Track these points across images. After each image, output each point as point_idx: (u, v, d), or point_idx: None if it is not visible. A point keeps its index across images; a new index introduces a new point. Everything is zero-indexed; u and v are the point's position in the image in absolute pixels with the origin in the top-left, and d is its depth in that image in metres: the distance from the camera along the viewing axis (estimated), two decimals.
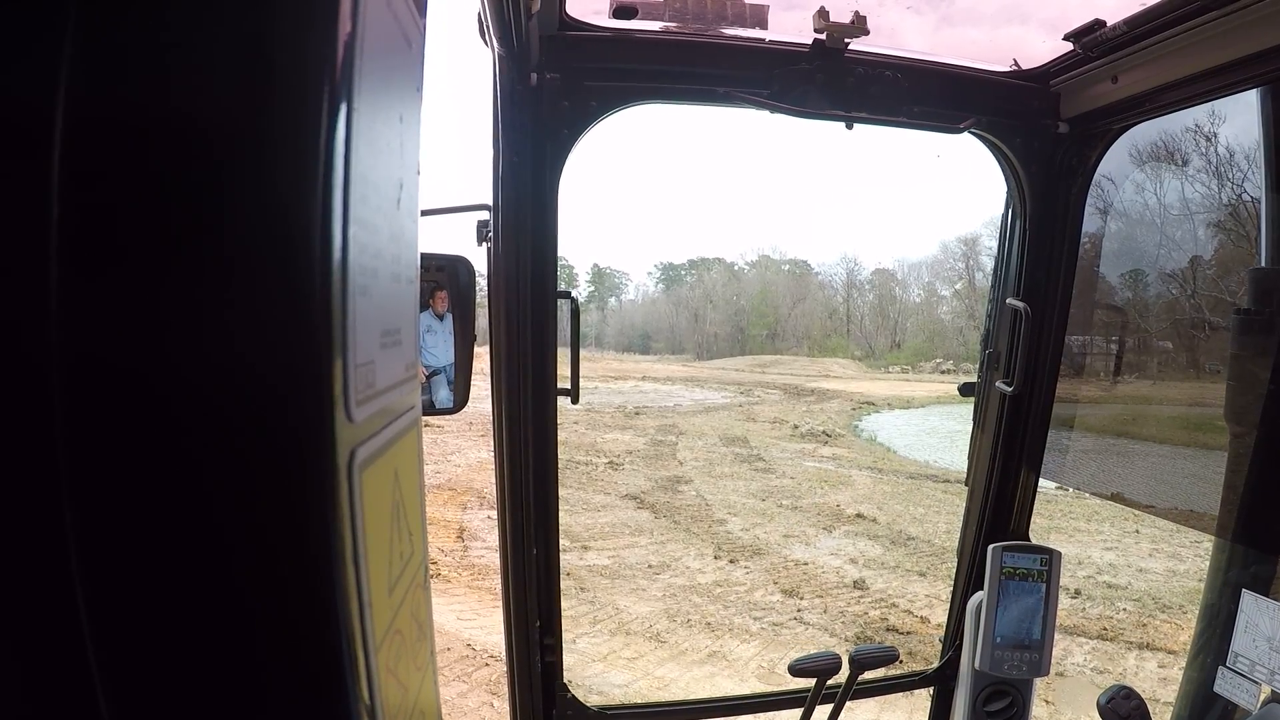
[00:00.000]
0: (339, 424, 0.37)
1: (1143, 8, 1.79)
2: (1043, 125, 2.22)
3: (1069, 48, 2.04)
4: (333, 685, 0.38)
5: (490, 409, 2.00)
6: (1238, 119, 2.24)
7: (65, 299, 0.34)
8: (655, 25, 1.97)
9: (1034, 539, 2.51)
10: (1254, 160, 2.19)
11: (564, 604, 2.18)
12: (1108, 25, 1.89)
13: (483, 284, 1.92)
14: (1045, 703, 7.55)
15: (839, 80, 2.00)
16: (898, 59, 2.07)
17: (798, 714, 2.37)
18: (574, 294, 2.02)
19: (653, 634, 9.91)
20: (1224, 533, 2.20)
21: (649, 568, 12.45)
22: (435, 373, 1.80)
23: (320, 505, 0.37)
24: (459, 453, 18.33)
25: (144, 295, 0.35)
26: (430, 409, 1.81)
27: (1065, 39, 2.00)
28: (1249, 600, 1.99)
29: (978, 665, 2.40)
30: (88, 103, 0.34)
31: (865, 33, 1.91)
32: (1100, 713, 2.07)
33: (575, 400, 2.02)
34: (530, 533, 2.05)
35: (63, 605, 0.35)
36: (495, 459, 2.04)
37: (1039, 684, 2.58)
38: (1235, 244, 2.49)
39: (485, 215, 1.91)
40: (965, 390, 2.60)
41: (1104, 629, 9.97)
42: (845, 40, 1.95)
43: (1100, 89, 2.07)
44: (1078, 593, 11.08)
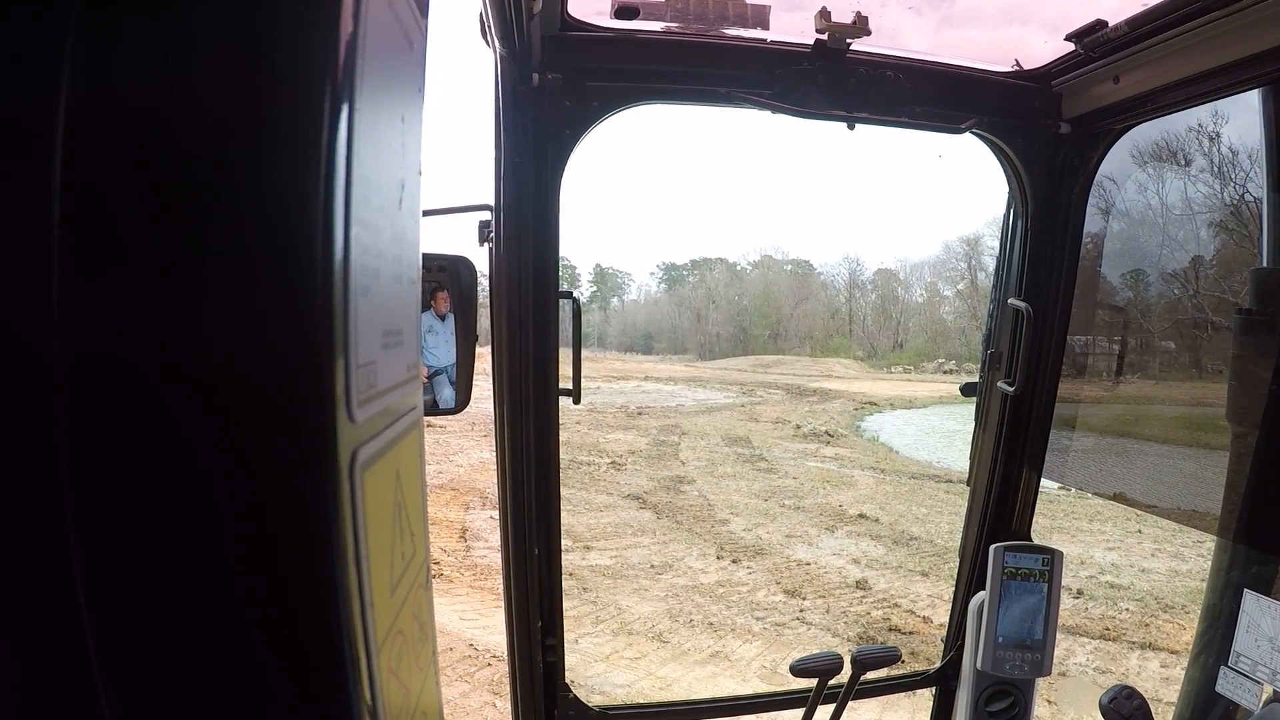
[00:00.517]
0: (341, 424, 0.37)
1: (1144, 8, 1.79)
2: (1044, 125, 2.21)
3: (1070, 48, 2.03)
4: (334, 686, 0.38)
5: (492, 409, 2.00)
6: (1239, 119, 2.24)
7: (67, 299, 0.34)
8: (657, 25, 1.97)
9: (1036, 539, 2.50)
10: (1256, 160, 2.18)
11: (566, 604, 2.18)
12: (1109, 26, 1.89)
13: (484, 284, 1.92)
14: (1047, 703, 7.55)
15: (840, 80, 2.00)
16: (899, 59, 2.07)
17: (799, 714, 2.37)
18: (576, 294, 2.03)
19: (655, 634, 9.90)
20: (1226, 533, 2.19)
21: (651, 568, 12.44)
22: (437, 373, 1.80)
23: (322, 505, 0.37)
24: (461, 453, 18.33)
25: (146, 295, 0.35)
26: (432, 409, 1.81)
27: (1067, 39, 2.00)
28: (1251, 600, 1.99)
29: (979, 665, 2.40)
30: (90, 103, 0.34)
31: (867, 33, 1.91)
32: (1102, 712, 2.06)
33: (577, 400, 2.02)
34: (532, 533, 2.05)
35: (65, 605, 0.36)
36: (497, 459, 2.03)
37: (1041, 684, 2.57)
38: (1237, 244, 2.48)
39: (487, 215, 1.90)
40: (967, 390, 2.60)
41: (1106, 629, 9.95)
42: (847, 40, 1.95)
43: (1102, 89, 2.07)
44: (1080, 593, 11.06)
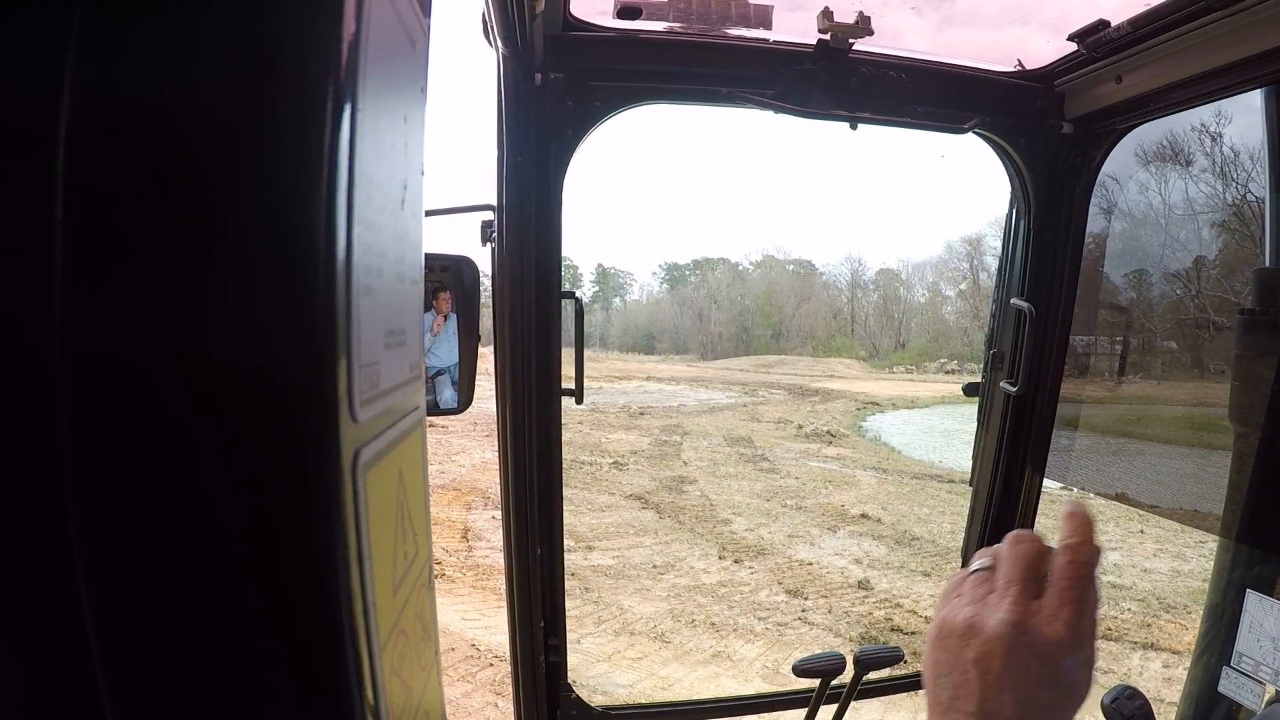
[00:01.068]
0: (343, 424, 0.37)
1: (1147, 8, 1.78)
2: (1047, 125, 2.21)
3: (1073, 48, 2.03)
4: (336, 686, 0.38)
5: (494, 409, 2.00)
6: (1242, 119, 2.23)
7: (69, 299, 0.34)
8: (659, 25, 1.97)
9: None
10: (1259, 160, 2.18)
11: (568, 604, 2.18)
12: (1112, 25, 1.88)
13: (487, 284, 1.93)
14: None
15: (843, 80, 2.00)
16: (901, 59, 2.07)
17: (802, 714, 2.36)
18: (578, 294, 2.02)
19: (657, 634, 9.91)
20: (1228, 533, 2.19)
21: (653, 568, 12.45)
22: (439, 373, 1.80)
23: (324, 506, 0.37)
24: (463, 453, 18.33)
25: (148, 295, 0.35)
26: (435, 409, 1.81)
27: (1069, 39, 2.00)
28: (1253, 600, 1.99)
29: None
30: (92, 102, 0.34)
31: (869, 33, 1.91)
32: (1104, 712, 2.06)
33: (579, 400, 2.02)
34: (534, 533, 2.04)
35: (66, 606, 0.36)
36: (499, 459, 2.03)
37: None
38: (1240, 244, 2.48)
39: (489, 215, 1.90)
40: (969, 390, 2.59)
41: (1108, 629, 9.94)
42: (849, 40, 1.94)
43: (1104, 89, 2.06)
44: None
